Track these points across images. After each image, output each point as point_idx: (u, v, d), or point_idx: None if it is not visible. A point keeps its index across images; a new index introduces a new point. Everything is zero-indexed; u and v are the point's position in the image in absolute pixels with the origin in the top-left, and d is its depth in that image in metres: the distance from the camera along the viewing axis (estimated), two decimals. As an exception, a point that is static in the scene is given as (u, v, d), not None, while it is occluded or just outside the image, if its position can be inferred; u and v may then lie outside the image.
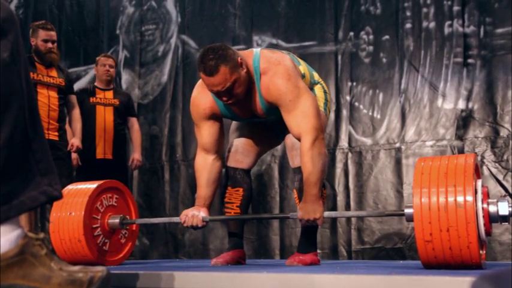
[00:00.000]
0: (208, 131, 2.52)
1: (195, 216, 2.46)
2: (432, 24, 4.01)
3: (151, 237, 4.79)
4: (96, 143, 4.12)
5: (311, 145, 2.28)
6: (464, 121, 3.84)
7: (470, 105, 3.85)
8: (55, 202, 2.21)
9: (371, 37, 4.19)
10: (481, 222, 1.80)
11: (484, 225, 1.81)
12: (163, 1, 5.06)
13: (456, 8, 3.94)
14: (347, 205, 4.08)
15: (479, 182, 1.85)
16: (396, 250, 3.88)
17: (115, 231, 2.66)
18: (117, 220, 2.61)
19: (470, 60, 3.88)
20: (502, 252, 3.59)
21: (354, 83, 4.20)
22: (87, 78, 5.20)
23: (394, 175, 3.98)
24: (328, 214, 2.39)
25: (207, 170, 2.53)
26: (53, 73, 3.81)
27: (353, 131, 4.16)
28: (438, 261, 1.77)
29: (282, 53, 2.51)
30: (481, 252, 1.83)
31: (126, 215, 2.67)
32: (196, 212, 2.47)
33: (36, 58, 3.77)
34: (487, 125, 3.77)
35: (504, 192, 3.60)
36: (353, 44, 4.24)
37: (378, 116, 4.09)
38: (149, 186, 4.89)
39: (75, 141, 3.83)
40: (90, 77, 5.13)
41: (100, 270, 1.27)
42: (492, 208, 1.85)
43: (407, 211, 1.95)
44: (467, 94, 3.86)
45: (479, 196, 1.81)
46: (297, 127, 2.33)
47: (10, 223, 1.22)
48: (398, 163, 3.99)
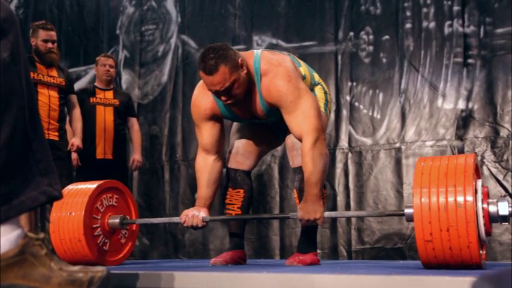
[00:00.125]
0: (208, 132, 2.52)
1: (195, 216, 2.46)
2: (432, 24, 4.01)
3: (151, 237, 4.79)
4: (96, 143, 4.12)
5: (312, 145, 2.28)
6: (464, 121, 3.84)
7: (470, 105, 3.85)
8: (55, 202, 2.21)
9: (371, 37, 4.19)
10: (481, 222, 1.80)
11: (484, 225, 1.81)
12: (163, 1, 5.06)
13: (456, 8, 3.94)
14: (347, 205, 4.08)
15: (479, 182, 1.85)
16: (396, 250, 3.88)
17: (115, 231, 2.66)
18: (117, 220, 2.61)
19: (470, 60, 3.88)
20: (502, 252, 3.59)
21: (354, 83, 4.20)
22: (87, 78, 5.20)
23: (394, 175, 3.98)
24: (328, 214, 2.39)
25: (208, 171, 2.53)
26: (54, 73, 3.81)
27: (353, 131, 4.16)
28: (438, 261, 1.77)
29: (283, 54, 2.52)
30: (481, 252, 1.83)
31: (126, 215, 2.67)
32: (196, 212, 2.47)
33: (36, 58, 3.76)
34: (487, 125, 3.77)
35: (504, 192, 3.60)
36: (353, 44, 4.24)
37: (378, 116, 4.09)
38: (149, 186, 4.89)
39: (75, 140, 3.83)
40: (90, 77, 5.13)
41: (100, 270, 1.27)
42: (492, 208, 1.85)
43: (407, 211, 1.95)
44: (467, 94, 3.86)
45: (479, 196, 1.81)
46: (298, 128, 2.33)
47: (10, 223, 1.22)
48: (398, 163, 3.99)
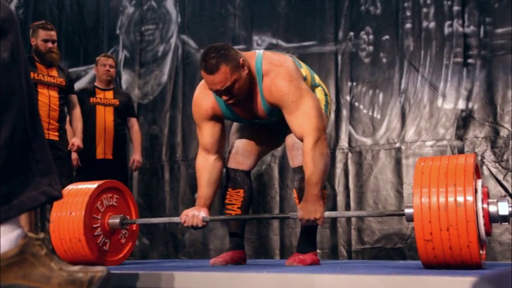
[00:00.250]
0: (209, 132, 2.52)
1: (195, 216, 2.45)
2: (432, 24, 4.01)
3: (151, 237, 4.79)
4: (96, 143, 4.12)
5: (313, 145, 2.28)
6: (464, 121, 3.84)
7: (470, 105, 3.85)
8: (55, 202, 2.21)
9: (371, 37, 4.19)
10: (481, 222, 1.80)
11: (484, 225, 1.81)
12: (163, 1, 5.06)
13: (456, 8, 3.94)
14: (347, 205, 4.08)
15: (479, 182, 1.85)
16: (396, 250, 3.88)
17: (115, 231, 2.66)
18: (117, 220, 2.61)
19: (470, 60, 3.88)
20: (502, 252, 3.59)
21: (354, 83, 4.20)
22: (87, 78, 5.20)
23: (394, 175, 3.98)
24: (328, 214, 2.39)
25: (208, 170, 2.53)
26: (54, 73, 3.81)
27: (353, 131, 4.16)
28: (438, 260, 1.77)
29: (285, 55, 2.53)
30: (481, 252, 1.83)
31: (126, 215, 2.67)
32: (196, 212, 2.47)
33: (36, 58, 3.76)
34: (487, 125, 3.77)
35: (504, 192, 3.60)
36: (353, 44, 4.24)
37: (378, 116, 4.09)
38: (149, 186, 4.89)
39: (76, 140, 3.82)
40: (90, 77, 5.13)
41: (100, 270, 1.27)
42: (492, 208, 1.85)
43: (407, 211, 1.95)
44: (467, 94, 3.86)
45: (479, 196, 1.81)
46: (299, 128, 2.33)
47: (10, 223, 1.22)
48: (398, 163, 3.99)
